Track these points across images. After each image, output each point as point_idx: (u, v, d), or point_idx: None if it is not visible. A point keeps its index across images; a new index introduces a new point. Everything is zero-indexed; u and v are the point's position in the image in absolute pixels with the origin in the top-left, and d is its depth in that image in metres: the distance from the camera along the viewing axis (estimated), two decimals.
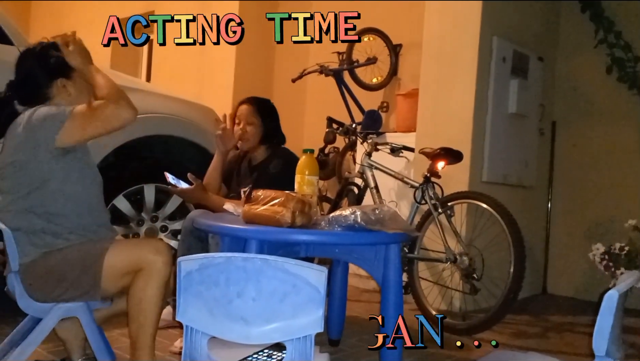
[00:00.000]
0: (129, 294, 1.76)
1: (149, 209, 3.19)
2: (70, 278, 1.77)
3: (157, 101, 3.25)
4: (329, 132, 3.87)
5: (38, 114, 1.82)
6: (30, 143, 1.80)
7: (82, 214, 1.88)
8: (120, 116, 1.79)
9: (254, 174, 2.68)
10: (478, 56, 3.51)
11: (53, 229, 1.83)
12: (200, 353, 1.33)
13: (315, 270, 1.26)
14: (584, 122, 4.19)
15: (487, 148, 3.60)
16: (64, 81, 1.94)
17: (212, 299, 1.29)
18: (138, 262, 1.74)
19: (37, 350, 2.05)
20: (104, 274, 1.75)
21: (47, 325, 1.82)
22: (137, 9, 6.19)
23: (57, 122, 1.78)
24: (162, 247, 1.78)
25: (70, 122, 1.78)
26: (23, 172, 1.81)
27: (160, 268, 1.74)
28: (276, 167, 2.59)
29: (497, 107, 3.65)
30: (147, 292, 1.73)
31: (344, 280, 2.58)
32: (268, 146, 2.73)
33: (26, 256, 1.81)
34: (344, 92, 4.44)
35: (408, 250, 3.07)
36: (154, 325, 1.78)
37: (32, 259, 1.81)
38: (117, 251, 1.78)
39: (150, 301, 1.74)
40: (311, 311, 1.27)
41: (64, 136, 1.78)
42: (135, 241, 1.75)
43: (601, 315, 1.20)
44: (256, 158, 2.73)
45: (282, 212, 1.77)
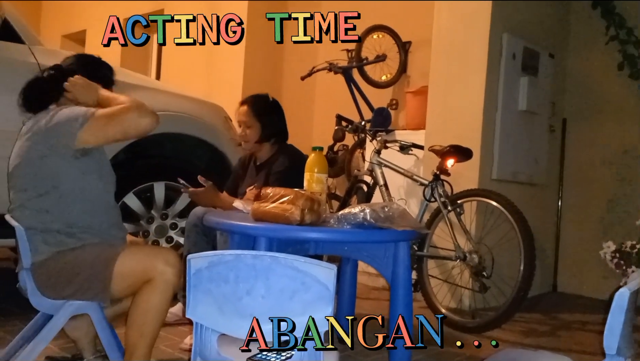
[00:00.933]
0: (134, 302, 1.77)
1: (158, 206, 3.20)
2: (80, 279, 1.79)
3: (167, 98, 3.26)
4: (338, 129, 3.87)
5: (61, 113, 1.84)
6: (51, 140, 1.82)
7: (95, 214, 1.90)
8: (141, 123, 1.82)
9: (259, 173, 2.69)
10: (488, 53, 3.49)
11: (67, 228, 1.84)
12: (210, 350, 1.34)
13: (325, 268, 1.27)
14: (595, 119, 4.16)
15: (497, 146, 3.58)
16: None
17: (222, 297, 1.30)
18: (148, 271, 1.74)
19: (49, 346, 2.07)
20: (113, 280, 1.76)
21: (59, 322, 1.83)
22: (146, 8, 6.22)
23: (79, 122, 1.80)
24: (172, 258, 1.78)
25: (92, 123, 1.80)
26: (39, 170, 1.83)
27: (169, 280, 1.74)
28: (281, 165, 2.59)
29: (507, 105, 3.63)
30: (153, 303, 1.74)
31: (353, 278, 2.58)
32: (272, 144, 2.71)
33: (39, 255, 1.83)
34: (353, 89, 4.44)
35: (417, 248, 3.06)
36: (155, 335, 1.79)
37: (44, 257, 1.83)
38: (129, 258, 1.78)
39: (156, 313, 1.75)
40: (320, 309, 1.27)
41: (85, 135, 1.80)
42: (147, 249, 1.76)
43: (612, 313, 1.20)
44: (261, 157, 2.73)
45: (291, 209, 1.78)
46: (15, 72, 2.59)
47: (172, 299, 1.85)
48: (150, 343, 1.77)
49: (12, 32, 2.66)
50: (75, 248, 1.84)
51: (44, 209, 1.83)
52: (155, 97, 3.14)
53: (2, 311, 2.74)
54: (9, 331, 2.43)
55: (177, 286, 1.78)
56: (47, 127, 1.83)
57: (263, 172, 2.67)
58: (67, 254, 1.82)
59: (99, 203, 1.90)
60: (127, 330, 1.78)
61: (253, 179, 2.67)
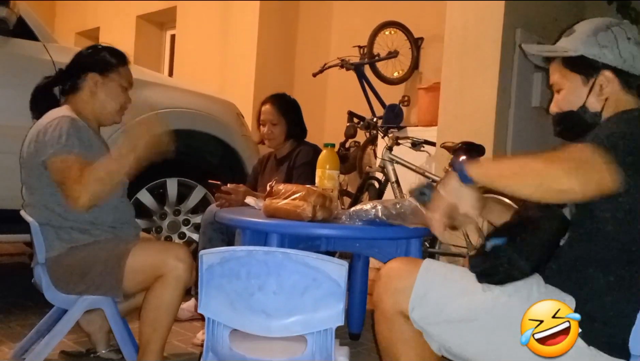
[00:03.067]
0: (147, 298, 1.78)
1: (171, 202, 3.22)
2: (93, 275, 1.81)
3: (179, 95, 3.27)
4: (349, 126, 3.86)
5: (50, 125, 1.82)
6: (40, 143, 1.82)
7: (107, 210, 1.91)
8: (77, 201, 1.75)
9: (280, 168, 2.71)
10: (501, 49, 3.46)
11: (79, 225, 1.87)
12: (222, 345, 1.34)
13: (336, 264, 1.27)
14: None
15: (510, 142, 3.56)
16: (96, 77, 1.98)
17: (234, 293, 1.30)
18: (160, 267, 1.75)
19: (63, 340, 2.09)
20: (125, 276, 1.78)
21: (73, 316, 1.85)
22: (158, 5, 6.25)
23: (50, 150, 1.78)
24: (184, 254, 1.79)
25: (57, 160, 1.78)
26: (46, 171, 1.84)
27: (180, 275, 1.75)
28: (305, 156, 2.63)
29: (520, 101, 3.60)
30: (165, 299, 1.76)
31: (365, 274, 2.58)
32: (292, 140, 2.78)
33: (53, 250, 1.85)
34: (365, 86, 4.43)
35: (429, 245, 3.05)
36: (168, 330, 1.81)
37: (58, 253, 1.85)
38: (140, 254, 1.79)
39: (168, 308, 1.77)
40: (332, 305, 1.27)
41: (49, 164, 1.80)
42: (158, 245, 1.77)
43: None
44: (281, 152, 2.78)
45: (303, 206, 1.78)
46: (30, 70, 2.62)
47: (185, 295, 1.87)
48: (164, 337, 1.79)
49: (27, 29, 2.69)
50: (88, 244, 1.85)
51: (57, 206, 1.85)
52: (167, 94, 3.15)
53: (18, 306, 2.78)
54: (24, 325, 2.46)
55: (188, 281, 1.79)
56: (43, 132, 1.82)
57: (284, 166, 2.70)
58: (81, 250, 1.84)
59: (110, 200, 1.90)
60: (141, 325, 1.80)
61: (273, 174, 2.68)
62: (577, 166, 1.13)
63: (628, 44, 1.35)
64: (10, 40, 2.61)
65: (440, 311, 1.30)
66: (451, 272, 1.36)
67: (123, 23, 6.71)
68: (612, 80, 1.36)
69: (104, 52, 2.03)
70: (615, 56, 1.35)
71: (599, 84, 1.37)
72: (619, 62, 1.35)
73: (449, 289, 1.32)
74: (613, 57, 1.36)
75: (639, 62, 1.36)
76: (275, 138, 2.73)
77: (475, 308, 1.28)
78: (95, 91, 1.97)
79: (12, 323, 2.52)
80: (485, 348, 1.28)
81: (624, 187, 1.14)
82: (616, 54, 1.35)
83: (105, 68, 1.99)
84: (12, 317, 2.61)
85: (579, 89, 1.42)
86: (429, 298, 1.31)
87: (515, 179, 1.19)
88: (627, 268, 1.22)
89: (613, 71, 1.36)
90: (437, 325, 1.31)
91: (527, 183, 1.17)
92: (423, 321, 1.32)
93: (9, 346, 2.22)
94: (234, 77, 5.48)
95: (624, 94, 1.37)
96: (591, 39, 1.38)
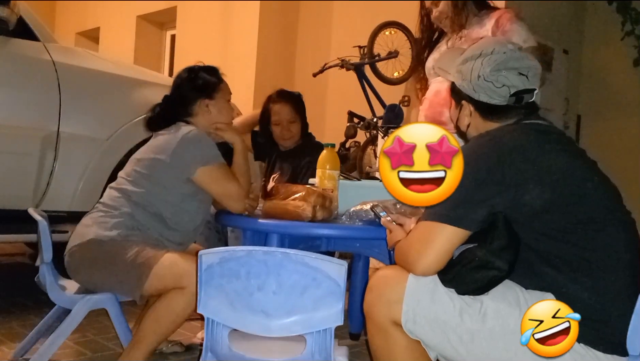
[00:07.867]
0: (160, 300, 1.79)
1: None
2: (116, 271, 1.81)
3: None
4: (350, 126, 3.86)
5: (194, 137, 1.95)
6: (178, 155, 1.92)
7: (195, 232, 2.06)
8: (232, 206, 1.97)
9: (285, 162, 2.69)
10: None
11: (164, 233, 1.94)
12: (222, 345, 1.34)
13: (336, 264, 1.27)
14: (610, 115, 4.11)
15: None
16: (206, 101, 2.09)
17: (233, 292, 1.30)
18: (183, 278, 1.75)
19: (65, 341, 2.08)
20: (149, 279, 1.78)
21: (77, 316, 1.85)
22: (158, 5, 6.25)
23: (204, 160, 1.94)
24: None
25: (210, 170, 1.95)
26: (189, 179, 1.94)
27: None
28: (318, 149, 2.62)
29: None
30: (177, 309, 1.76)
31: (365, 274, 2.58)
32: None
33: (111, 231, 1.86)
34: (365, 86, 4.42)
35: None
36: (166, 337, 1.85)
37: (109, 238, 1.85)
38: (169, 261, 1.80)
39: (176, 318, 1.78)
40: (331, 305, 1.27)
41: (200, 174, 1.93)
42: (188, 257, 1.78)
43: (636, 313, 1.19)
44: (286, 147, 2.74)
45: (303, 206, 1.78)
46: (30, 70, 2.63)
47: None
48: (158, 342, 1.82)
49: (28, 29, 2.69)
50: (132, 241, 1.87)
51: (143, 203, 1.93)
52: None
53: (18, 306, 2.78)
54: (24, 325, 2.47)
55: None
56: (180, 142, 1.94)
57: (290, 160, 2.68)
58: (120, 244, 1.85)
59: (187, 221, 2.02)
60: (145, 319, 1.81)
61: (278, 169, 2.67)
62: (425, 246, 1.30)
63: (488, 76, 1.37)
64: (11, 40, 2.61)
65: (434, 322, 1.29)
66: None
67: (123, 23, 6.72)
68: (472, 110, 1.44)
69: (202, 73, 2.12)
70: (469, 89, 1.41)
71: (464, 111, 1.46)
72: (474, 95, 1.41)
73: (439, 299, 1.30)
74: (469, 89, 1.41)
75: (497, 94, 1.37)
76: (294, 136, 2.71)
77: (468, 319, 1.27)
78: (209, 112, 2.09)
79: (12, 323, 2.52)
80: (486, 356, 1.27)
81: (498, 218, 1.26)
82: (470, 88, 1.41)
83: (212, 91, 2.10)
84: (12, 317, 2.61)
85: (454, 110, 1.52)
86: (420, 309, 1.30)
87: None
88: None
89: (471, 102, 1.43)
90: (433, 334, 1.30)
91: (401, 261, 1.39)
92: (418, 332, 1.32)
93: (9, 346, 2.22)
94: (234, 77, 5.45)
95: (482, 122, 1.43)
96: (460, 67, 1.44)
